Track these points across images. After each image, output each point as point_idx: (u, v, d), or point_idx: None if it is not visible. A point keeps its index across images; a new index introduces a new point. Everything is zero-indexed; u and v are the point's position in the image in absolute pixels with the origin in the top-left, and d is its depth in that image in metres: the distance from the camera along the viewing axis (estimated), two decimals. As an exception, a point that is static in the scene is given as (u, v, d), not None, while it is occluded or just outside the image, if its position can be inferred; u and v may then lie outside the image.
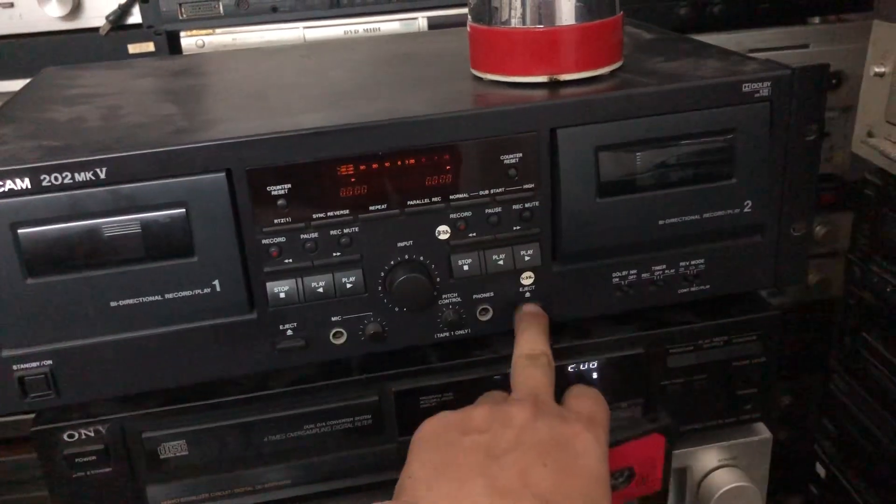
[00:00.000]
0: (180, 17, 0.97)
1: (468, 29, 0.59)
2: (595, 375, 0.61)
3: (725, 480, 0.64)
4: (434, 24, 0.99)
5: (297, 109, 0.58)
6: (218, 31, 0.97)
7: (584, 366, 0.61)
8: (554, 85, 0.56)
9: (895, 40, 0.84)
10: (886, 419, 0.94)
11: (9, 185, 0.48)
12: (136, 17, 0.96)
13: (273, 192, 0.51)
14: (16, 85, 0.91)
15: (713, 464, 0.65)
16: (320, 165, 0.51)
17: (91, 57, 0.93)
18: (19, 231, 0.49)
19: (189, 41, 0.97)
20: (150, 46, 0.98)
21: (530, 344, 0.54)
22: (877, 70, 0.88)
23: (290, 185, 0.51)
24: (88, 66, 0.78)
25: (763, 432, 0.66)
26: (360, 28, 1.00)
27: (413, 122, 0.52)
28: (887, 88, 0.86)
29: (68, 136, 0.53)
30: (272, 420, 0.57)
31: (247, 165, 0.50)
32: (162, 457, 0.56)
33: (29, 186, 0.48)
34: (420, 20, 1.00)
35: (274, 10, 0.98)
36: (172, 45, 0.97)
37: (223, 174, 0.50)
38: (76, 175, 0.48)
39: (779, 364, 1.18)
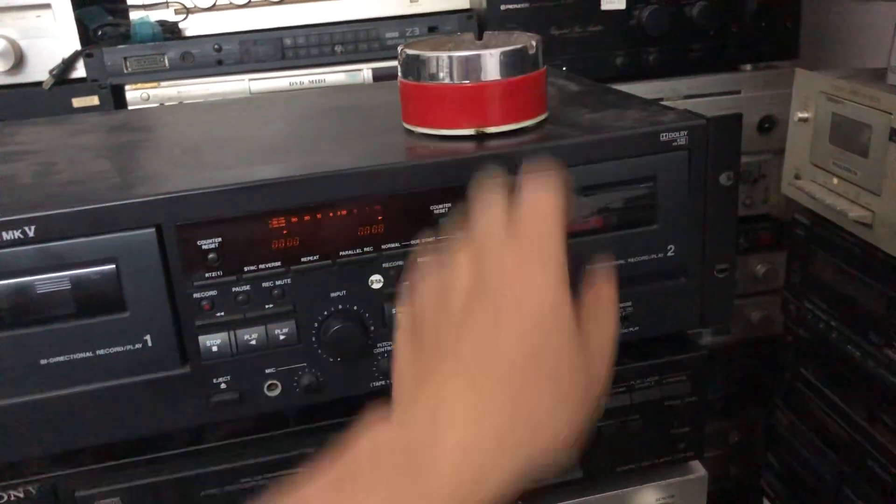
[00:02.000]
0: (125, 71, 0.98)
1: (398, 84, 0.61)
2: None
3: (664, 519, 0.65)
4: (378, 76, 1.02)
5: (229, 164, 0.59)
6: (163, 84, 0.98)
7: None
8: (480, 137, 0.57)
9: (815, 87, 0.88)
10: (826, 454, 0.96)
11: (-65, 244, 0.48)
12: (80, 71, 0.97)
13: (203, 246, 0.52)
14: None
15: (651, 503, 0.66)
16: (251, 219, 0.52)
17: (35, 111, 0.93)
18: (-54, 291, 0.49)
19: (134, 94, 0.98)
20: (94, 100, 0.98)
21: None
22: (801, 115, 0.92)
23: (220, 239, 0.52)
24: (28, 122, 0.78)
25: (698, 470, 0.68)
26: (306, 80, 1.02)
27: (343, 175, 0.53)
28: (811, 133, 0.90)
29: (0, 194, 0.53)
30: (208, 474, 0.57)
31: (177, 220, 0.51)
32: (96, 516, 0.56)
33: (-44, 245, 0.48)
34: (365, 72, 1.02)
35: (219, 63, 0.99)
36: (117, 98, 0.98)
37: (153, 230, 0.51)
38: (3, 234, 0.49)
39: (725, 400, 1.21)
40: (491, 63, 0.57)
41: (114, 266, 0.51)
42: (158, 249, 0.51)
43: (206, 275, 0.52)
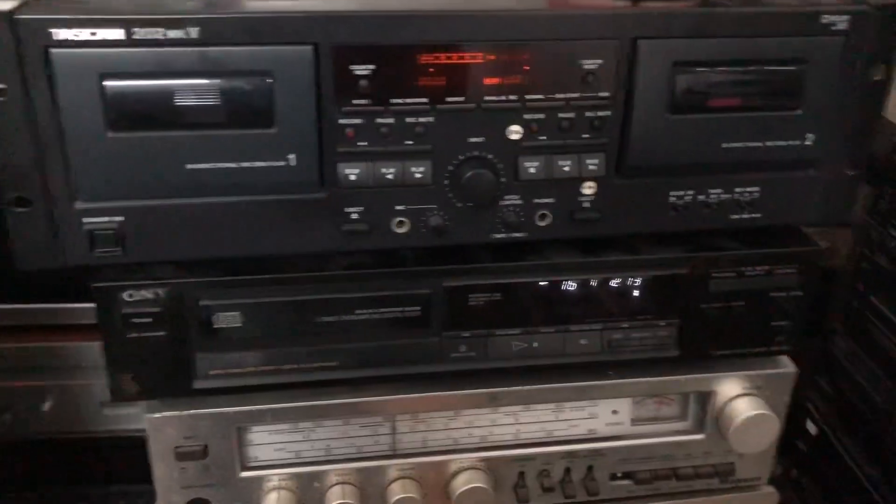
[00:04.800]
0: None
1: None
2: (636, 293, 0.63)
3: (748, 408, 0.66)
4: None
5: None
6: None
7: (628, 281, 0.62)
8: (637, -4, 0.56)
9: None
10: (885, 381, 0.97)
11: (101, 34, 0.48)
12: None
13: (356, 72, 0.52)
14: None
15: (737, 391, 0.67)
16: (404, 50, 0.52)
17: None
18: (106, 83, 0.49)
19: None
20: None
21: None
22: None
23: (373, 67, 0.52)
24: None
25: (788, 365, 0.68)
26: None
27: (500, 17, 0.53)
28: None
29: (155, -4, 0.53)
30: (327, 301, 0.58)
31: (334, 41, 0.51)
32: (216, 326, 0.58)
33: (121, 38, 0.48)
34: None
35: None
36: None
37: (310, 48, 0.50)
38: (168, 32, 0.48)
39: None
40: (657, -79, 0.55)
41: (268, 79, 0.50)
42: (313, 68, 0.51)
43: (355, 101, 0.52)
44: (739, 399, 0.67)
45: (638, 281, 0.62)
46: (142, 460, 0.62)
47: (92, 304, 0.56)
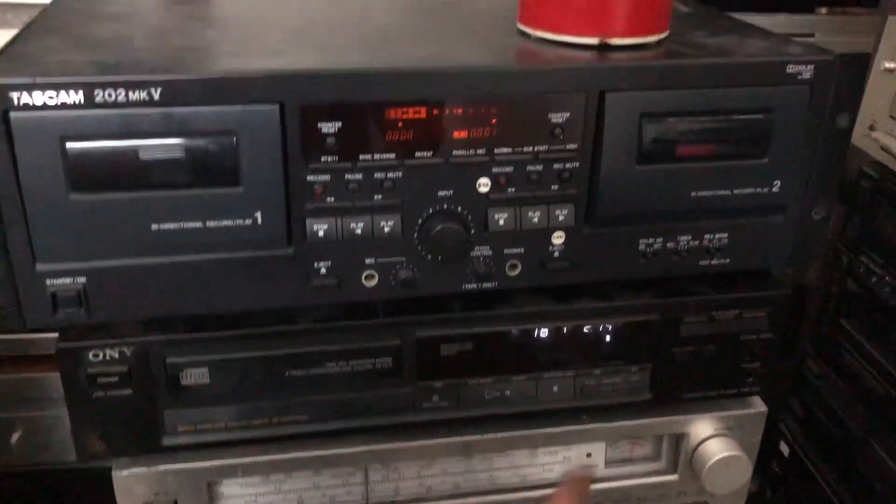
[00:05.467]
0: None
1: (518, -16, 0.59)
2: (608, 338, 0.63)
3: (720, 449, 0.67)
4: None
5: (346, 47, 0.57)
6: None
7: (600, 328, 0.62)
8: (603, 48, 0.56)
9: (909, 38, 0.85)
10: (856, 406, 0.98)
11: (62, 97, 0.47)
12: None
13: (323, 130, 0.51)
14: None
15: (709, 432, 0.68)
16: (371, 107, 0.51)
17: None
18: (67, 145, 0.48)
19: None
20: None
21: None
22: (887, 66, 0.90)
23: (340, 124, 0.51)
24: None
25: (759, 405, 0.69)
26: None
27: (466, 73, 0.52)
28: (895, 84, 0.88)
29: (118, 54, 0.52)
30: (296, 355, 0.58)
31: (301, 100, 0.50)
32: (183, 383, 0.57)
33: (82, 101, 0.47)
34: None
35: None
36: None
37: (276, 106, 0.50)
38: (130, 94, 0.48)
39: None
40: (623, -28, 0.55)
41: (234, 138, 0.50)
42: (279, 127, 0.50)
43: (322, 158, 0.52)
44: (712, 440, 0.68)
45: (609, 327, 0.62)
46: (113, 493, 0.61)
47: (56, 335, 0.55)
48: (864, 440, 0.96)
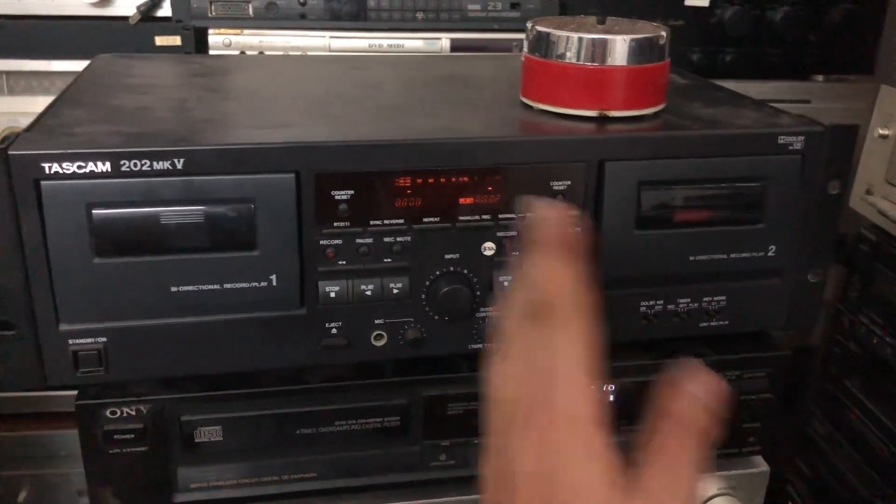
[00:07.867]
0: (210, 15, 0.98)
1: (522, 59, 0.62)
2: (611, 398, 0.64)
3: (723, 508, 0.68)
4: (457, 47, 1.02)
5: (359, 120, 0.60)
6: (246, 31, 0.99)
7: (603, 388, 0.64)
8: (603, 120, 0.59)
9: (902, 106, 0.89)
10: (862, 466, 0.98)
11: (90, 167, 0.50)
12: (166, 10, 0.98)
13: (336, 197, 0.54)
14: (46, 65, 0.94)
15: (713, 491, 0.68)
16: (382, 175, 0.54)
17: (118, 45, 0.94)
18: (94, 211, 0.51)
19: (216, 38, 0.99)
20: (176, 40, 0.99)
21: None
22: (881, 132, 0.93)
23: (352, 192, 0.54)
24: (138, 56, 0.80)
25: (762, 465, 0.70)
26: (385, 43, 1.03)
27: (473, 143, 0.55)
28: (889, 150, 0.91)
29: (142, 125, 0.55)
30: (306, 413, 0.59)
31: (316, 169, 0.53)
32: (197, 440, 0.58)
33: (108, 170, 0.50)
34: (443, 41, 1.03)
35: (302, 17, 1.00)
36: (199, 41, 0.99)
37: (293, 175, 0.53)
38: (154, 163, 0.50)
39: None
40: (621, 48, 0.58)
41: (252, 206, 0.52)
42: (295, 194, 0.53)
43: (335, 224, 0.54)
44: (715, 500, 0.68)
45: (612, 387, 0.64)
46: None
47: (67, 392, 0.56)
48: (871, 502, 0.96)
